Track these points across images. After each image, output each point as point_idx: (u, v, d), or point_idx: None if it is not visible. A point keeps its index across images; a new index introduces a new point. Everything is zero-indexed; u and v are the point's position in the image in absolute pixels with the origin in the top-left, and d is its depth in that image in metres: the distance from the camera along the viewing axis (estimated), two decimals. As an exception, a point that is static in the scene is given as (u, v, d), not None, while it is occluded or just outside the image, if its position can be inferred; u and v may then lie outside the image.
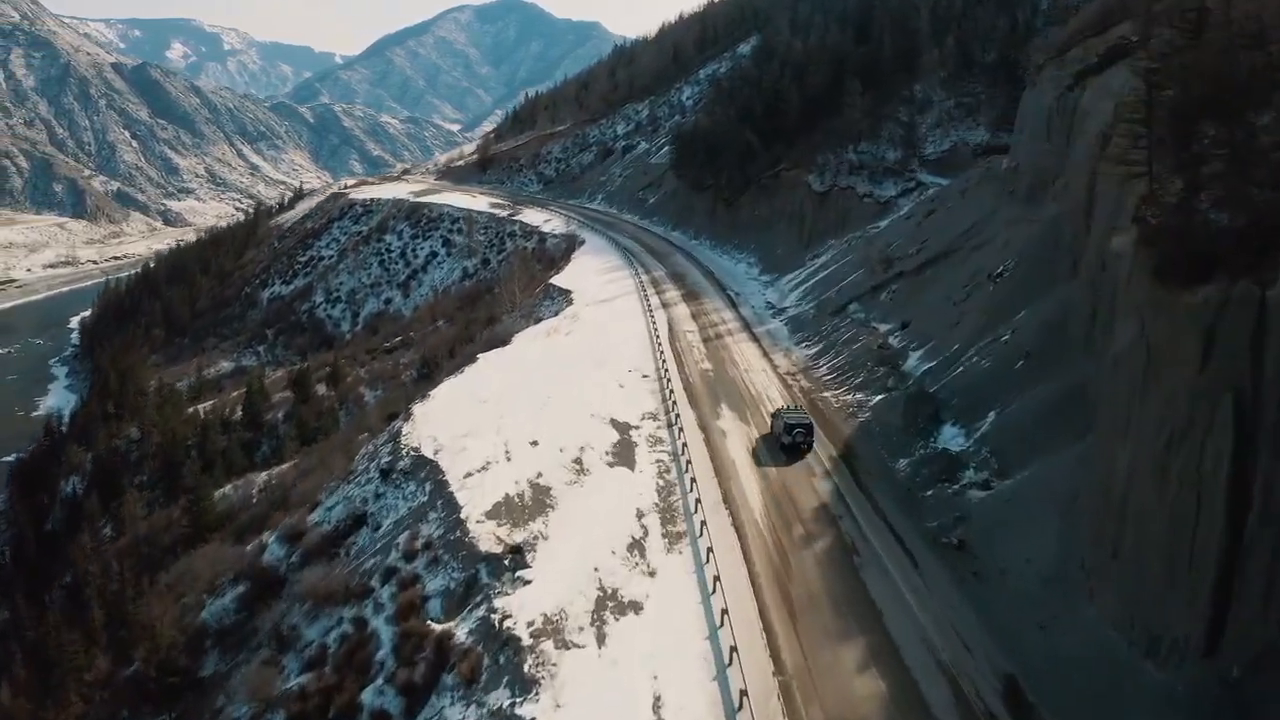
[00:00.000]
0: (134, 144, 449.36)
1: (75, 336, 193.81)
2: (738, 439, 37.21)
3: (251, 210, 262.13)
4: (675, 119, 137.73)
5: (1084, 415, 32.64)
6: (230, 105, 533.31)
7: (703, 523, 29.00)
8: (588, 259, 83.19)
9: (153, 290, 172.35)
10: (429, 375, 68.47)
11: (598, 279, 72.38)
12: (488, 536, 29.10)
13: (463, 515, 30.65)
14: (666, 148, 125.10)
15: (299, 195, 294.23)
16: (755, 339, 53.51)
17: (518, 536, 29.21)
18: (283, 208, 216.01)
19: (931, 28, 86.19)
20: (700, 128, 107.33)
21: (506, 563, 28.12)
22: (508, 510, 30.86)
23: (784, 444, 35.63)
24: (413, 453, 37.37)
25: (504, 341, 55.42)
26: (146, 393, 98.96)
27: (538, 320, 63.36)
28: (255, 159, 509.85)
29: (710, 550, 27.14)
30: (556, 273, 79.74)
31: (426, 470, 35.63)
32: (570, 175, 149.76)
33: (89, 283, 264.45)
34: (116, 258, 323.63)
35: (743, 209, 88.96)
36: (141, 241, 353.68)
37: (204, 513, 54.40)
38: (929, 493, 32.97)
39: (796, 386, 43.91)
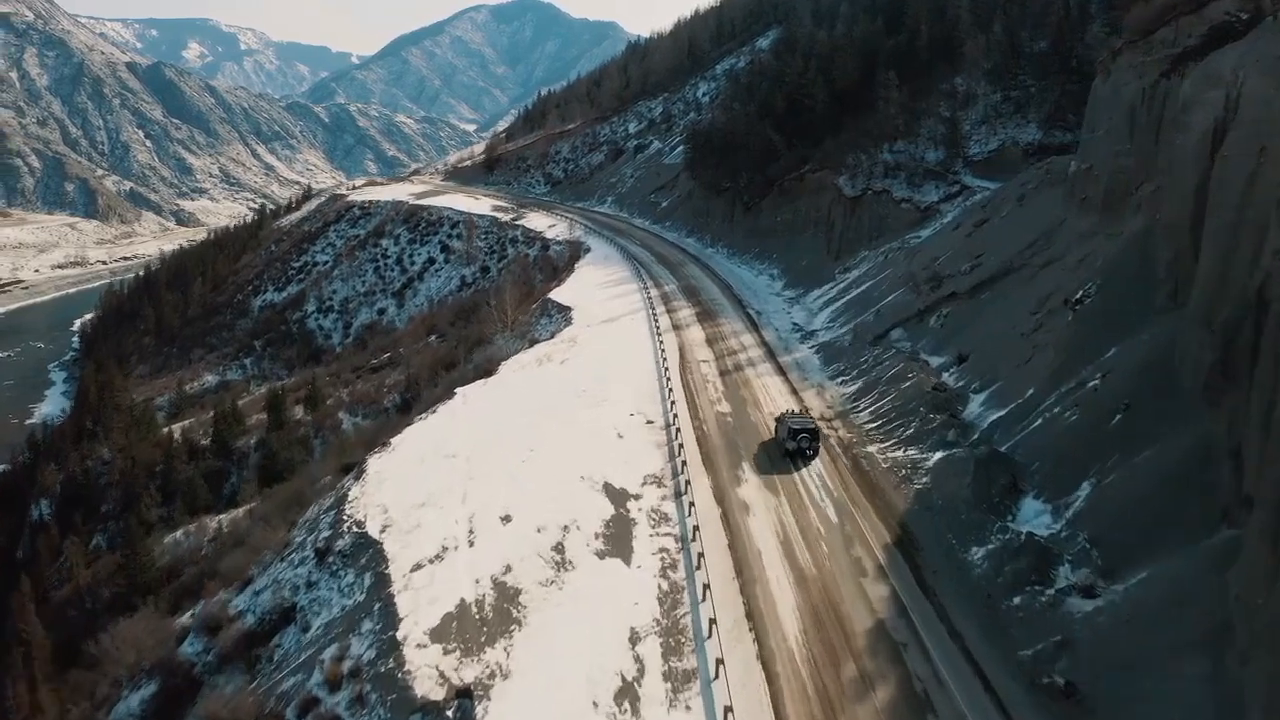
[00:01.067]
0: (147, 144, 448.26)
1: (77, 340, 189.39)
2: (764, 517, 29.44)
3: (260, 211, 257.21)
4: (690, 116, 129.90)
5: (1213, 495, 24.93)
6: (245, 105, 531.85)
7: (719, 661, 21.27)
8: (592, 270, 75.64)
9: (152, 294, 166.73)
10: (410, 403, 61.22)
11: (602, 294, 64.82)
12: (428, 674, 21.53)
13: (400, 634, 23.14)
14: (681, 147, 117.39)
15: (307, 196, 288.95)
16: (781, 371, 45.66)
17: (469, 673, 21.64)
18: (290, 208, 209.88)
19: (973, 14, 77.88)
20: (717, 125, 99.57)
21: (450, 714, 20.61)
22: (460, 627, 23.32)
23: (788, 450, 33.68)
24: (356, 529, 29.90)
25: (488, 371, 47.97)
26: (124, 409, 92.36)
27: (532, 342, 55.90)
28: (270, 159, 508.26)
29: (730, 711, 19.44)
30: (558, 285, 72.27)
31: (369, 556, 28.15)
32: (579, 176, 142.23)
33: (97, 283, 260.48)
34: (126, 258, 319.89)
35: (764, 214, 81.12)
36: (153, 242, 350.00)
37: (140, 570, 47.29)
38: (1015, 600, 25.14)
39: (834, 436, 36.12)
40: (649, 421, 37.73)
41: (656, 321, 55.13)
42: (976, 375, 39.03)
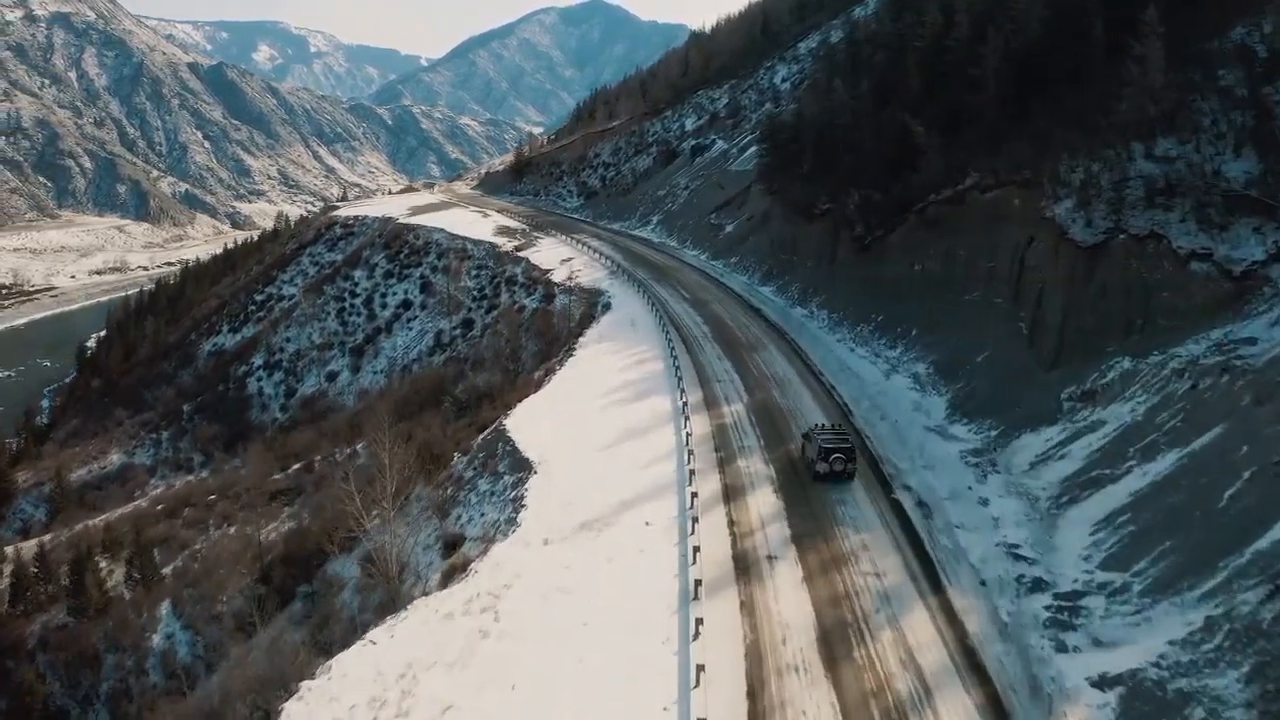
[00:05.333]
0: (206, 144, 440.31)
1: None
2: None
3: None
4: (765, 108, 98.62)
5: None
6: (307, 106, 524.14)
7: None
8: (604, 352, 45.50)
9: (154, 315, 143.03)
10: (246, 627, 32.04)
11: (603, 421, 34.58)
12: None
13: None
14: (753, 148, 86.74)
15: (343, 198, 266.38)
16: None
17: None
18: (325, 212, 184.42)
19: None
20: (807, 116, 68.36)
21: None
22: None
23: (819, 473, 28.46)
24: None
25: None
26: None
27: (445, 546, 26.30)
28: (331, 161, 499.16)
29: None
30: (544, 378, 42.47)
31: None
32: (620, 186, 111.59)
33: (131, 291, 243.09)
34: (170, 263, 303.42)
35: (891, 256, 49.63)
36: (203, 245, 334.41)
37: None
38: None
39: None
40: None
41: (695, 529, 24.62)
42: None
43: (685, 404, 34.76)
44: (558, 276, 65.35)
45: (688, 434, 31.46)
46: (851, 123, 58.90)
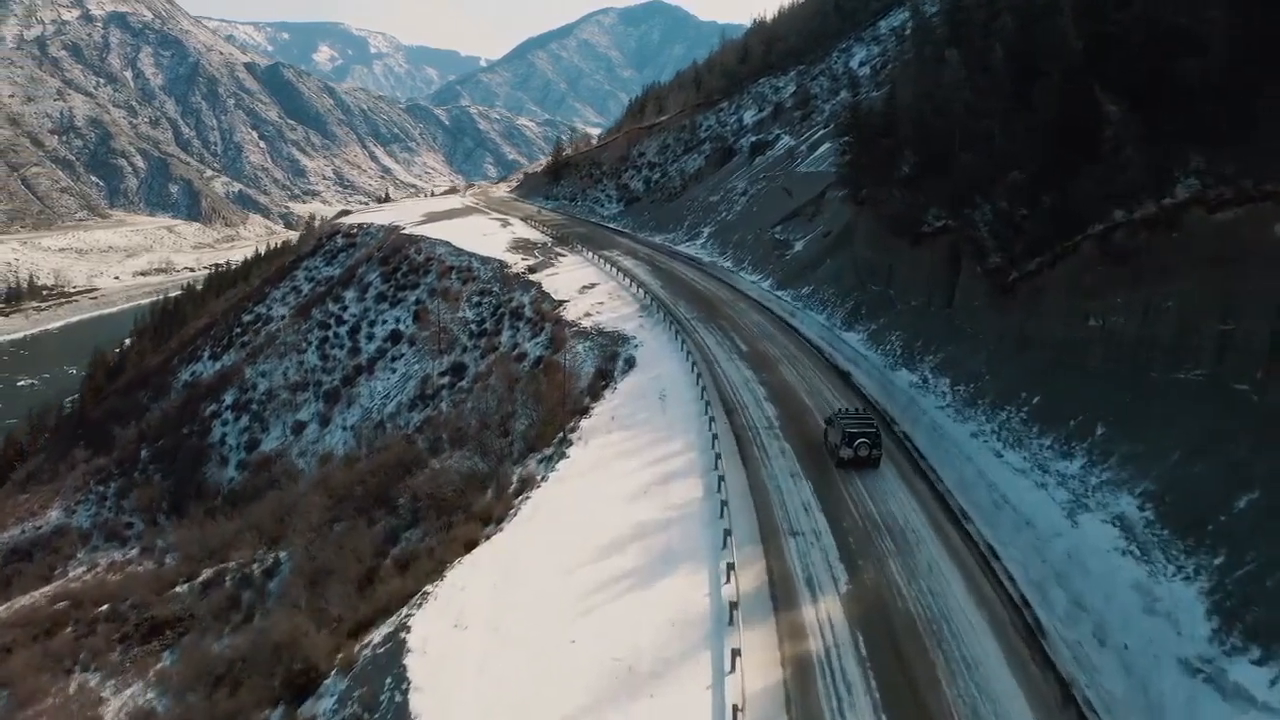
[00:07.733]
0: (261, 144, 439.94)
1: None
2: None
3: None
4: (841, 97, 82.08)
5: None
6: (364, 106, 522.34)
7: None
8: (613, 448, 29.97)
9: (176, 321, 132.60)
10: None
11: (582, 632, 19.14)
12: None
13: None
14: (827, 144, 70.52)
15: (386, 199, 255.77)
16: None
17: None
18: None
19: None
20: (902, 101, 51.75)
21: None
22: None
23: (843, 459, 27.54)
24: None
25: None
26: None
27: None
28: (387, 161, 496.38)
29: None
30: (518, 496, 27.27)
31: None
32: (666, 190, 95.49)
33: (175, 293, 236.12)
34: (218, 265, 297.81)
35: (1050, 304, 32.92)
36: (254, 246, 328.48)
37: None
38: None
39: None
40: None
41: None
42: None
43: (735, 604, 18.92)
44: (572, 312, 49.70)
45: (736, 707, 15.65)
46: (974, 105, 42.35)
